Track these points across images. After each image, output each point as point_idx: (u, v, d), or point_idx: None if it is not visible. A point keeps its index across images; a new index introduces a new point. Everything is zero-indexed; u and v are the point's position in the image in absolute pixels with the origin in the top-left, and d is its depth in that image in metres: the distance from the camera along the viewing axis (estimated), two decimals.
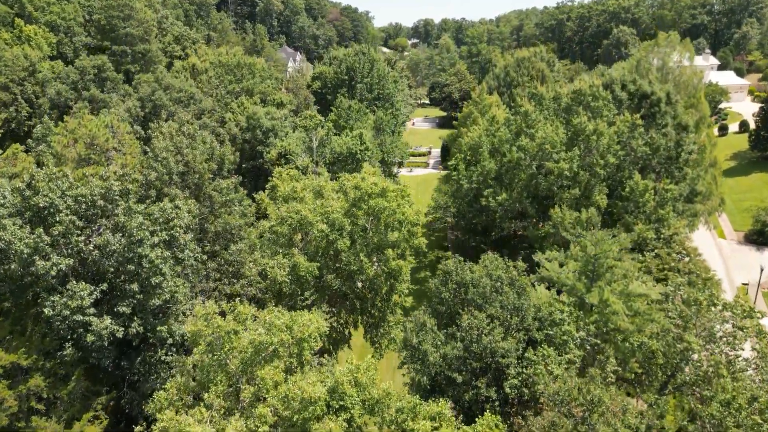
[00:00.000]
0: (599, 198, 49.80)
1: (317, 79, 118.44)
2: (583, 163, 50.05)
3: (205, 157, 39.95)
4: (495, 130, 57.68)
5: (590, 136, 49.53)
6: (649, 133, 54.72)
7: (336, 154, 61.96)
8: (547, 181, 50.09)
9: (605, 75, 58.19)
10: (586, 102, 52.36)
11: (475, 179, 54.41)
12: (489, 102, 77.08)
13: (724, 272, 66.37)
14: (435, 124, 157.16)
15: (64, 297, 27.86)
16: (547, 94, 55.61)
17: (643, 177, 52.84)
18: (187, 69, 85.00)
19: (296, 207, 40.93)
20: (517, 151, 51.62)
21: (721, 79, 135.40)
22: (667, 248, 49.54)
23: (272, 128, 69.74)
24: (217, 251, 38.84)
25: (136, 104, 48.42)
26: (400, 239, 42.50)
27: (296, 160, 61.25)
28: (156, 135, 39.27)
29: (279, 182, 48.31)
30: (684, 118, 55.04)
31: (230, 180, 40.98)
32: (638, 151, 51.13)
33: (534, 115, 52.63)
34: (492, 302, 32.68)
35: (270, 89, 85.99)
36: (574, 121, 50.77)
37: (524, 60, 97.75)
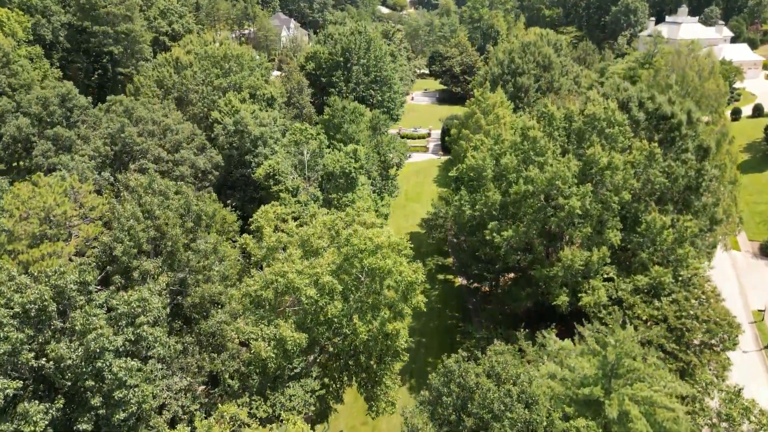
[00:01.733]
0: (612, 234, 45.98)
1: (311, 59, 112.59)
2: (595, 198, 46.00)
3: (180, 213, 35.94)
4: (500, 150, 53.33)
5: (604, 171, 45.33)
6: (667, 158, 50.51)
7: (329, 172, 57.70)
8: (557, 217, 46.15)
9: (620, 90, 53.37)
10: (600, 127, 47.89)
11: (479, 208, 50.39)
12: (493, 102, 72.17)
13: (738, 291, 63.03)
14: (435, 99, 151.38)
15: (14, 422, 24.50)
16: (558, 114, 50.99)
17: (659, 207, 48.94)
18: (170, 62, 79.61)
19: (282, 269, 37.20)
20: (525, 183, 47.46)
21: (735, 54, 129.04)
22: (686, 291, 46.08)
23: (261, 136, 65.23)
24: (196, 319, 35.35)
25: (105, 143, 43.80)
26: (396, 299, 38.92)
27: (286, 180, 57.06)
28: (123, 196, 35.16)
29: (264, 223, 44.35)
30: (705, 139, 50.67)
31: (209, 241, 37.03)
32: (656, 183, 47.02)
33: (543, 142, 48.22)
34: (500, 418, 29.10)
35: (260, 83, 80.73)
36: (587, 152, 46.47)
37: (529, 45, 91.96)
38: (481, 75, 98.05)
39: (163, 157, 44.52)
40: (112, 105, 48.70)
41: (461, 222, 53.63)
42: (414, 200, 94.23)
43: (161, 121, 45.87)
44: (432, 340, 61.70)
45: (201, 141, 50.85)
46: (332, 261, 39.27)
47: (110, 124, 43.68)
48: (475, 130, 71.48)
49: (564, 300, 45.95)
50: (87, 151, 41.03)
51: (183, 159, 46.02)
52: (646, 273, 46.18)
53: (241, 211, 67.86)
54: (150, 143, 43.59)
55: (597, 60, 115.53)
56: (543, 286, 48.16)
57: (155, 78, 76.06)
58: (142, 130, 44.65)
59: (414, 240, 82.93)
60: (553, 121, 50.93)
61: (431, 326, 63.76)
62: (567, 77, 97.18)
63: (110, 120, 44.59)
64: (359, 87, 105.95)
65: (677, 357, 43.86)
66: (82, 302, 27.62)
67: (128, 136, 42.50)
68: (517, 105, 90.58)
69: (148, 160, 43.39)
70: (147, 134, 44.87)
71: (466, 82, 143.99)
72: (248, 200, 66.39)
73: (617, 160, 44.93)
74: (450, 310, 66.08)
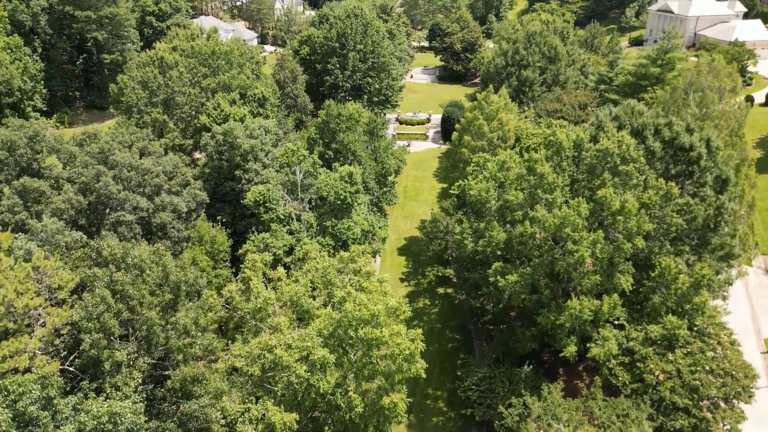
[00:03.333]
0: (623, 280, 43.08)
1: (305, 43, 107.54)
2: (606, 243, 42.94)
3: (158, 283, 32.95)
4: (504, 178, 49.94)
5: (617, 215, 42.12)
6: (683, 192, 47.23)
7: (323, 197, 54.41)
8: (565, 261, 43.18)
9: (635, 114, 49.57)
10: (613, 163, 44.40)
11: (482, 245, 47.31)
12: (496, 107, 68.14)
13: (749, 315, 60.55)
14: (435, 76, 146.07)
15: None
16: (567, 143, 47.34)
17: (674, 247, 45.93)
18: (155, 61, 75.11)
19: (269, 342, 34.44)
20: (531, 224, 44.32)
21: (748, 33, 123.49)
22: (701, 341, 43.51)
23: (251, 150, 61.59)
24: (177, 401, 32.82)
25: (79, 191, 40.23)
26: (393, 370, 36.31)
27: (277, 208, 53.79)
28: (93, 274, 31.98)
29: (251, 273, 41.38)
30: (725, 170, 47.26)
31: (189, 315, 34.05)
32: (672, 224, 43.87)
33: (551, 178, 44.79)
34: None
35: (250, 82, 76.43)
36: (598, 193, 43.12)
37: (535, 35, 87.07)
38: (485, 64, 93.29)
39: (143, 206, 41.16)
40: (88, 138, 44.91)
41: (463, 255, 50.65)
42: (413, 198, 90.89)
43: (139, 165, 42.20)
44: (432, 365, 59.19)
45: (183, 176, 47.24)
46: (325, 326, 36.55)
47: (83, 171, 40.11)
48: (478, 137, 67.76)
49: (572, 351, 43.40)
50: (58, 203, 37.72)
51: (164, 204, 42.63)
52: (659, 321, 43.50)
53: (232, 227, 64.85)
54: (127, 193, 40.13)
55: (605, 42, 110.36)
56: (549, 331, 45.55)
57: (139, 79, 71.77)
58: (118, 174, 41.11)
59: (413, 244, 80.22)
60: (561, 151, 47.37)
61: (431, 350, 61.31)
62: (573, 67, 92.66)
63: (85, 163, 41.00)
64: (356, 74, 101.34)
65: (690, 413, 41.67)
66: (46, 419, 25.00)
67: (103, 187, 39.11)
68: (521, 99, 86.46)
69: (126, 211, 40.08)
70: (124, 181, 41.36)
71: (467, 59, 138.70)
72: (239, 216, 63.27)
73: (631, 205, 41.64)
74: (451, 331, 63.66)
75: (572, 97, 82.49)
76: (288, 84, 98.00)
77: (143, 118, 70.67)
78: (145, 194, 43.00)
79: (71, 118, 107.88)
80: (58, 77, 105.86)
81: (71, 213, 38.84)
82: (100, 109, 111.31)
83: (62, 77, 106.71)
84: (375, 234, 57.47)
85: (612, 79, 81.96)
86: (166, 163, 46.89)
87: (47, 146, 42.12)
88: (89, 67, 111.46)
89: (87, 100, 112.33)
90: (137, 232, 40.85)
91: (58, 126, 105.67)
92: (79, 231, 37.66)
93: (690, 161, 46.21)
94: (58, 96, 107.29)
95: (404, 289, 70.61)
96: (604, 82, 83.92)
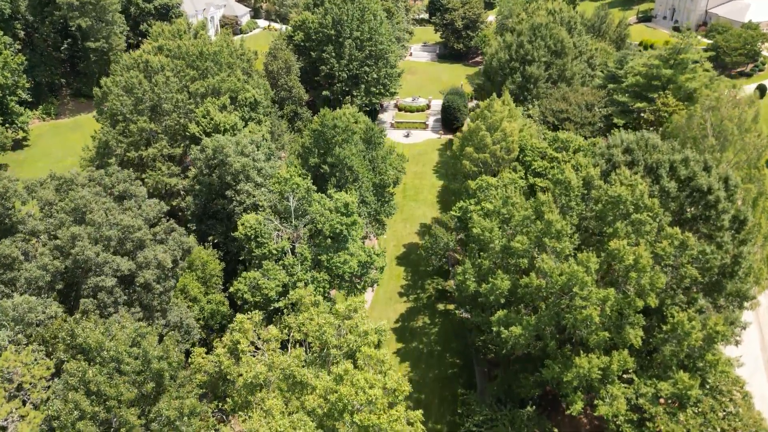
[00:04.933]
0: (633, 335, 40.94)
1: (299, 29, 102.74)
2: (616, 297, 40.63)
3: (138, 370, 30.71)
4: (508, 215, 47.30)
5: (629, 272, 39.65)
6: (698, 234, 44.65)
7: (318, 229, 51.80)
8: (573, 316, 40.92)
9: (649, 147, 46.48)
10: (625, 211, 41.65)
11: (485, 291, 44.96)
12: (500, 117, 64.60)
13: (759, 345, 58.67)
14: (435, 54, 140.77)
15: None
16: (575, 182, 44.44)
17: (686, 296, 43.66)
18: (139, 64, 71.10)
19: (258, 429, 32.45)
20: (537, 277, 41.91)
21: (763, 13, 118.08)
22: (713, 399, 41.71)
23: (243, 169, 58.65)
24: None
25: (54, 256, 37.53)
26: None
27: (269, 242, 51.19)
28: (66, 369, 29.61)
29: (240, 336, 39.19)
30: (743, 211, 44.57)
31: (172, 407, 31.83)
32: (687, 276, 41.47)
33: (559, 226, 42.09)
34: None
35: (240, 84, 72.63)
36: (609, 245, 40.53)
37: (540, 28, 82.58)
38: (488, 58, 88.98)
39: (123, 269, 38.52)
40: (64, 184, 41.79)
41: (465, 295, 48.40)
42: (412, 198, 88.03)
43: (119, 221, 39.34)
44: (432, 395, 57.87)
45: (167, 223, 44.37)
46: (319, 405, 34.55)
47: (59, 233, 37.31)
48: (480, 148, 64.54)
49: (579, 408, 41.61)
50: (33, 271, 35.09)
51: (147, 261, 39.99)
52: (670, 375, 41.57)
53: (224, 248, 62.31)
54: (107, 256, 37.45)
55: (614, 26, 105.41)
56: (554, 385, 43.71)
57: (123, 84, 67.98)
58: (97, 233, 38.32)
59: (412, 252, 77.60)
60: (570, 191, 44.53)
61: (431, 376, 59.83)
62: (580, 59, 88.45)
63: (60, 222, 38.11)
64: (352, 64, 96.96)
65: None
66: None
67: (80, 252, 36.46)
68: (525, 97, 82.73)
69: (106, 275, 37.53)
70: (103, 241, 38.60)
71: (468, 37, 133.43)
72: (231, 239, 60.70)
73: (645, 261, 39.10)
74: (451, 355, 61.91)
75: (578, 96, 78.85)
76: (282, 75, 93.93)
77: (129, 126, 67.23)
78: (127, 250, 40.37)
79: (57, 108, 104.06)
80: (42, 65, 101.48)
81: (47, 279, 36.39)
82: (87, 97, 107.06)
83: (46, 64, 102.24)
84: (373, 263, 55.02)
85: (621, 77, 78.05)
86: (148, 209, 44.03)
87: (20, 198, 39.28)
88: (75, 53, 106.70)
89: (73, 87, 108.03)
90: (118, 296, 38.45)
91: (44, 118, 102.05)
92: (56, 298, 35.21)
93: (707, 205, 43.44)
94: (42, 85, 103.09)
95: (403, 305, 68.66)
96: (613, 79, 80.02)
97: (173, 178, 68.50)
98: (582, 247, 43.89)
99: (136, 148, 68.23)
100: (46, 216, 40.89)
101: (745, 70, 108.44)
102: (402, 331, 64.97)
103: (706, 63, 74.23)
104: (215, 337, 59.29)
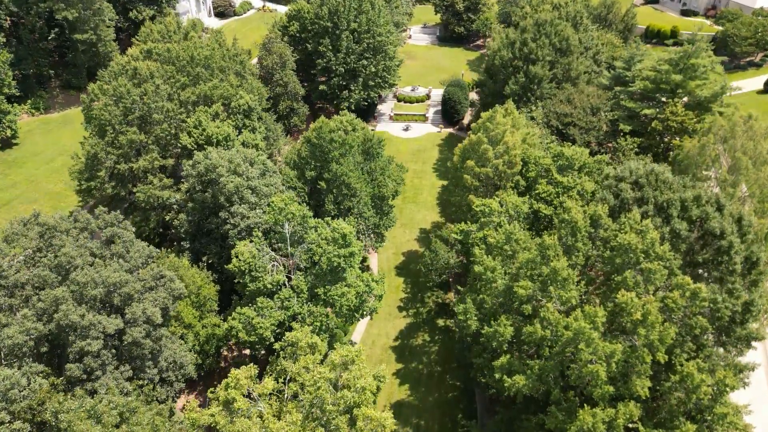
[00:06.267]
0: (640, 386, 39.72)
1: (295, 18, 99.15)
2: (624, 352, 39.27)
3: None
4: (511, 251, 45.61)
5: (638, 328, 38.16)
6: (709, 276, 43.07)
7: (315, 261, 50.13)
8: (578, 369, 39.63)
9: (659, 183, 44.45)
10: (635, 259, 39.92)
11: (486, 334, 43.57)
12: (503, 130, 62.16)
13: (765, 376, 57.46)
14: (435, 37, 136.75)
15: None
16: (582, 223, 42.57)
17: (695, 343, 42.30)
18: (128, 71, 68.25)
19: None
20: (542, 328, 40.45)
21: None
22: None
23: (236, 191, 56.64)
24: None
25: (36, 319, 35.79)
26: None
27: (264, 276, 49.56)
28: None
29: (236, 393, 37.92)
30: (755, 252, 42.88)
31: None
32: (696, 327, 40.02)
33: (565, 273, 40.40)
34: None
35: (233, 91, 69.93)
36: (618, 298, 38.94)
37: (545, 25, 79.32)
38: (490, 55, 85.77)
39: (110, 330, 36.84)
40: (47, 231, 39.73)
41: (467, 334, 47.04)
42: (412, 200, 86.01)
43: (104, 279, 37.48)
44: (431, 420, 57.02)
45: (156, 269, 42.50)
46: None
47: (41, 295, 35.57)
48: (482, 162, 62.36)
49: None
50: (16, 337, 33.39)
51: (135, 318, 38.32)
52: (676, 426, 40.49)
53: (219, 270, 60.67)
54: (92, 318, 35.77)
55: (621, 15, 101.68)
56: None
57: (111, 93, 65.28)
58: (81, 291, 36.55)
59: (412, 261, 75.77)
60: (576, 232, 42.74)
61: (430, 400, 58.90)
62: (586, 55, 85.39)
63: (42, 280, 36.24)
64: (350, 57, 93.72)
65: None
66: None
67: (63, 317, 34.78)
68: (528, 98, 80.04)
69: (92, 338, 35.87)
70: (89, 302, 36.85)
71: (470, 20, 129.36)
72: (226, 259, 59.07)
73: (654, 318, 37.57)
74: (452, 377, 60.87)
75: (584, 98, 76.18)
76: (277, 70, 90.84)
77: (118, 138, 64.84)
78: (114, 306, 38.66)
79: (47, 102, 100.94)
80: (29, 57, 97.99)
81: (31, 345, 34.83)
82: (77, 89, 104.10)
83: (33, 56, 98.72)
84: (372, 291, 53.49)
85: (628, 79, 75.30)
86: (136, 257, 42.13)
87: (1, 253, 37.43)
88: (62, 43, 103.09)
89: (63, 78, 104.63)
90: (105, 359, 36.94)
91: (33, 113, 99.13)
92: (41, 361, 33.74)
93: (720, 250, 41.70)
94: (30, 77, 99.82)
95: (402, 321, 67.44)
96: (620, 81, 77.26)
97: (165, 191, 66.41)
98: (588, 292, 42.31)
99: (126, 160, 66.02)
100: (29, 264, 39.14)
101: (754, 59, 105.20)
102: (402, 350, 63.88)
103: (718, 67, 71.22)
104: (211, 361, 58.38)
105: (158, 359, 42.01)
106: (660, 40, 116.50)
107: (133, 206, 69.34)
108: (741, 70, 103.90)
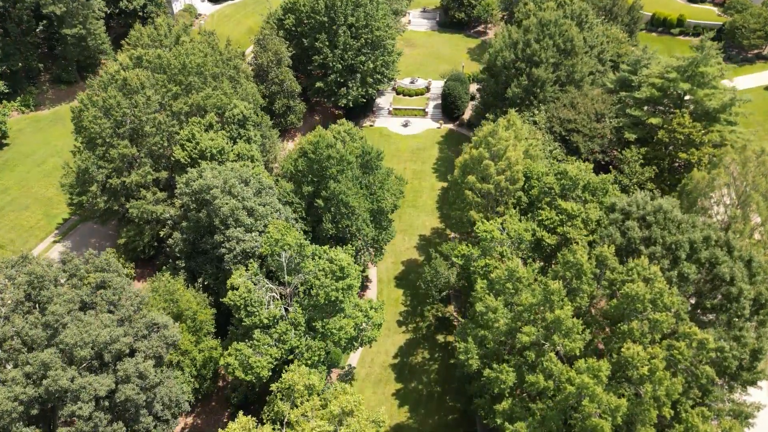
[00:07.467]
0: None
1: (290, 11, 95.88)
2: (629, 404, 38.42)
3: None
4: (513, 289, 44.45)
5: (644, 383, 37.23)
6: (716, 319, 42.03)
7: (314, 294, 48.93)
8: (581, 422, 38.84)
9: (667, 221, 42.99)
10: (643, 307, 38.76)
11: (487, 374, 42.69)
12: (505, 144, 60.32)
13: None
14: (435, 22, 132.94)
15: None
16: (587, 266, 41.29)
17: (701, 390, 41.47)
18: (117, 80, 65.85)
19: None
20: (545, 379, 39.52)
21: None
22: None
23: (231, 214, 55.15)
24: None
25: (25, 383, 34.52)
26: None
27: (260, 311, 48.43)
28: None
29: None
30: (764, 293, 41.74)
31: None
32: (702, 376, 39.12)
33: (570, 323, 39.28)
34: None
35: (227, 99, 67.81)
36: (624, 351, 37.89)
37: (549, 25, 76.66)
38: (491, 55, 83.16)
39: (101, 392, 35.77)
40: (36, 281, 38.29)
41: (468, 372, 46.14)
42: (411, 203, 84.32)
43: (95, 338, 36.19)
44: None
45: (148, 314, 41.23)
46: None
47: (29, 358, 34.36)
48: (484, 178, 60.72)
49: None
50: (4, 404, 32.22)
51: (128, 375, 37.25)
52: None
53: (214, 292, 59.56)
54: (82, 380, 34.63)
55: (626, 7, 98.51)
56: None
57: (101, 105, 63.14)
58: (70, 351, 35.35)
59: (411, 271, 74.54)
60: (582, 275, 41.51)
61: (430, 422, 58.45)
62: (590, 54, 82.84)
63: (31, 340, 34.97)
64: (347, 54, 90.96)
65: None
66: None
67: (52, 383, 33.67)
68: (531, 101, 77.91)
69: (83, 401, 34.84)
70: (78, 362, 35.68)
71: (470, 6, 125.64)
72: (222, 280, 58.02)
73: (660, 374, 36.60)
74: (451, 398, 60.30)
75: (588, 103, 74.14)
76: (272, 68, 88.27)
77: (109, 151, 63.03)
78: (104, 363, 37.56)
79: (37, 99, 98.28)
80: (17, 53, 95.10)
81: (20, 410, 33.81)
82: (67, 83, 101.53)
83: (21, 51, 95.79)
84: (371, 319, 52.49)
85: (634, 84, 73.11)
86: (127, 305, 40.81)
87: None
88: (51, 35, 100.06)
89: (52, 72, 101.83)
90: (98, 422, 36.00)
91: (23, 110, 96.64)
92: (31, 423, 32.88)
93: (728, 296, 40.53)
94: (19, 73, 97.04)
95: (402, 336, 66.65)
96: (626, 85, 75.07)
97: (159, 206, 64.96)
98: (593, 341, 41.29)
99: (118, 174, 64.37)
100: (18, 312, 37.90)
101: (762, 52, 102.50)
102: (401, 368, 63.21)
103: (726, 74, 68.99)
104: (209, 385, 57.70)
105: (153, 406, 41.15)
106: (666, 28, 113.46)
107: (126, 219, 67.93)
108: (749, 63, 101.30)
